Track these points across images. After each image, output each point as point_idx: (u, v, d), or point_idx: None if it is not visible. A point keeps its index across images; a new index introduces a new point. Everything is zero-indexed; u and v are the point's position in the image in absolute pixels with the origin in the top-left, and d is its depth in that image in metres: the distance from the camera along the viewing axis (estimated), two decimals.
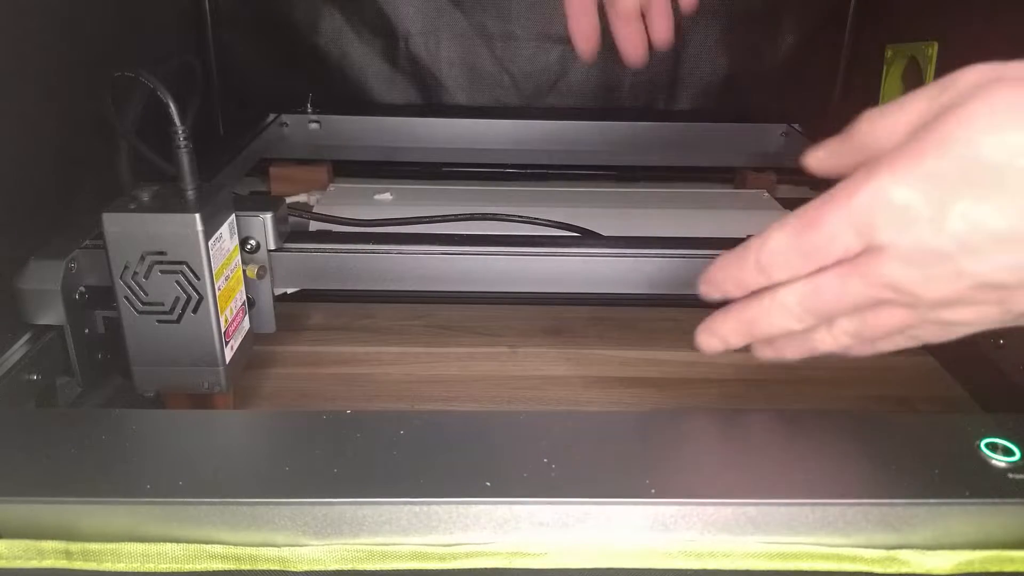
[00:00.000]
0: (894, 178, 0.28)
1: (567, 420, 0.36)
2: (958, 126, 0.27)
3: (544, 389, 0.52)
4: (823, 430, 0.36)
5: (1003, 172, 0.26)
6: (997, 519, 0.32)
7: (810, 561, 0.31)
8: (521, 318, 0.60)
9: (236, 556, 0.31)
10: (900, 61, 0.76)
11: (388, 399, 0.51)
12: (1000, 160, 0.26)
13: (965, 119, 0.27)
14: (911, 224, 0.28)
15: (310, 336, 0.58)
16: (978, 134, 0.27)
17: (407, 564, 0.31)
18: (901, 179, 0.28)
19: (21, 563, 0.30)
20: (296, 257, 0.48)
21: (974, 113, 0.27)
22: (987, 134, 0.27)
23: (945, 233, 0.27)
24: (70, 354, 0.45)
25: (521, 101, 0.95)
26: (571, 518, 0.31)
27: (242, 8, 0.89)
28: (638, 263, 0.49)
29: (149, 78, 0.41)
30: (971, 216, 0.27)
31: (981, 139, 0.27)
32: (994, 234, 0.27)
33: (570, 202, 0.72)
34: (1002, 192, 0.27)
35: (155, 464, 0.33)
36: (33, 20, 0.51)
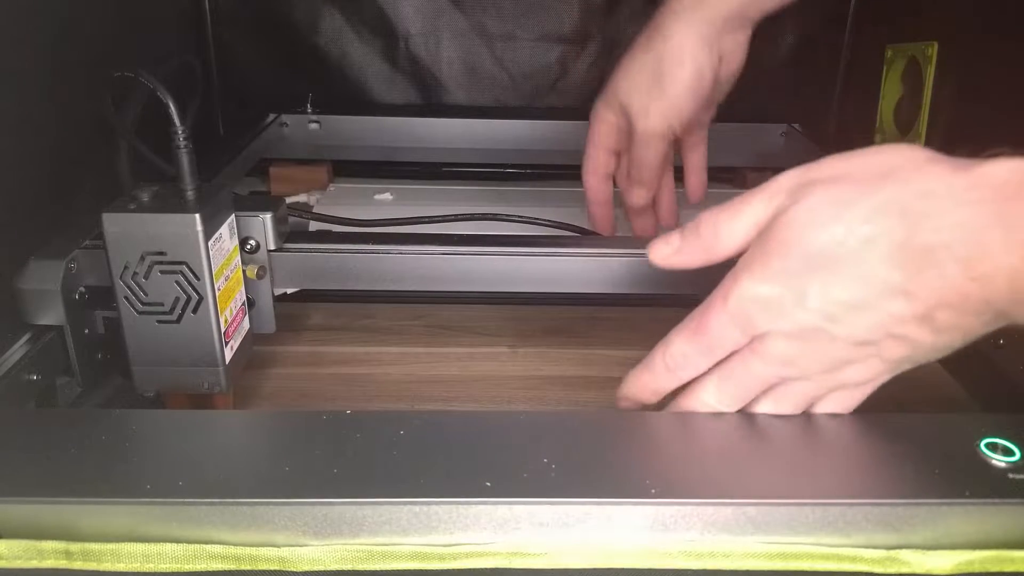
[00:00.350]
0: (754, 280, 0.34)
1: (567, 420, 0.36)
2: (789, 228, 0.33)
3: (544, 389, 0.52)
4: (823, 430, 0.36)
5: (835, 255, 0.32)
6: (997, 519, 0.32)
7: (810, 561, 0.31)
8: (521, 318, 0.60)
9: (236, 556, 0.31)
10: (900, 61, 0.76)
11: (388, 399, 0.51)
12: (829, 247, 0.32)
13: (794, 222, 0.33)
14: (780, 311, 0.33)
15: (310, 336, 0.58)
16: (807, 232, 0.33)
17: (407, 564, 0.31)
18: (761, 279, 0.34)
19: (21, 563, 0.30)
20: (296, 257, 0.48)
21: (798, 216, 0.33)
22: (813, 230, 0.33)
23: (809, 311, 0.33)
24: (70, 354, 0.45)
25: (521, 101, 0.95)
26: (571, 518, 0.31)
27: (242, 8, 0.89)
28: (638, 263, 0.49)
29: (149, 78, 0.41)
30: (824, 293, 0.33)
31: (810, 235, 0.33)
32: (845, 303, 0.32)
33: (570, 202, 0.72)
34: (840, 270, 0.32)
35: (155, 464, 0.33)
36: (33, 20, 0.51)
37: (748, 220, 0.35)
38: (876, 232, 0.32)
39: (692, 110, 0.51)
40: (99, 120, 0.50)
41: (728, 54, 0.52)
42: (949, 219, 0.31)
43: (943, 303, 0.31)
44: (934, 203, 0.31)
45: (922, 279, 0.31)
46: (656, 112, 0.51)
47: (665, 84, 0.50)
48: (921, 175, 0.32)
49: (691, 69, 0.50)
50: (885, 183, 0.32)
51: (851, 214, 0.32)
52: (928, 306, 0.32)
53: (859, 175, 0.33)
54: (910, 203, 0.31)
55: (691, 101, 0.51)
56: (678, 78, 0.50)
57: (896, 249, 0.31)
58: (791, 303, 0.33)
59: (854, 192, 0.33)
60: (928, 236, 0.31)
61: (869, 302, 0.32)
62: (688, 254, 0.37)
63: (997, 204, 0.30)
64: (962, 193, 0.31)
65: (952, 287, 0.31)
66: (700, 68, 0.50)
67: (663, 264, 0.38)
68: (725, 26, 0.50)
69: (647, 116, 0.51)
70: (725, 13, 0.50)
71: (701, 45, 0.50)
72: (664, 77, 0.50)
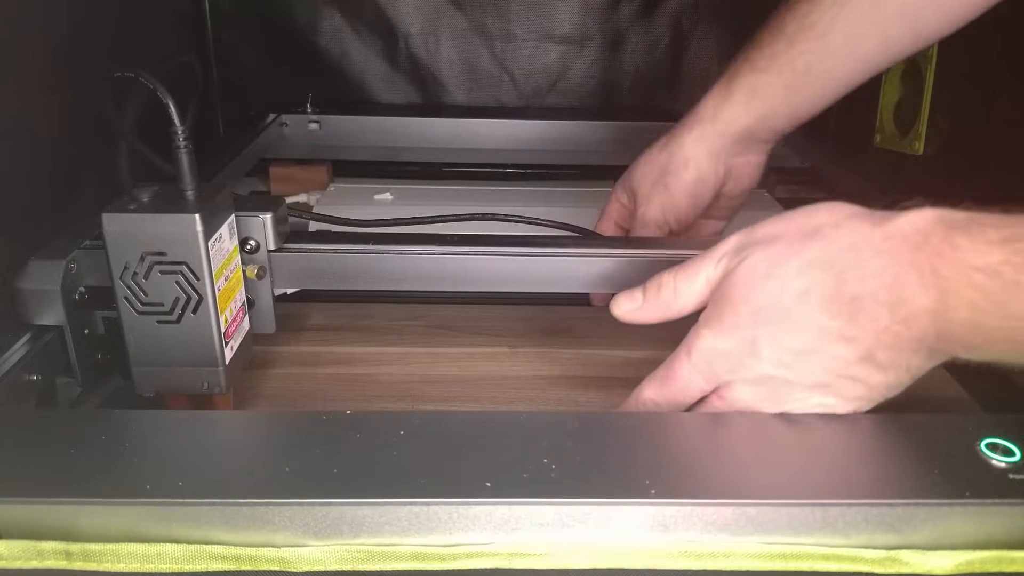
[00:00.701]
0: (713, 334, 0.37)
1: (567, 420, 0.36)
2: (736, 287, 0.37)
3: (544, 389, 0.52)
4: (823, 430, 0.36)
5: (777, 309, 0.36)
6: (997, 519, 0.32)
7: (810, 561, 0.31)
8: (521, 318, 0.60)
9: (236, 556, 0.31)
10: (900, 61, 0.76)
11: (388, 399, 0.51)
12: (771, 302, 0.36)
13: (739, 281, 0.37)
14: (739, 362, 0.37)
15: (310, 336, 0.58)
16: (750, 289, 0.36)
17: (407, 564, 0.31)
18: (717, 334, 0.37)
19: (21, 563, 0.30)
20: (296, 257, 0.48)
21: (742, 275, 0.37)
22: (755, 288, 0.36)
23: (764, 360, 0.36)
24: (70, 354, 0.45)
25: (521, 101, 0.95)
26: (571, 518, 0.31)
27: (242, 8, 0.89)
28: (638, 263, 0.49)
29: (149, 78, 0.40)
30: (774, 343, 0.36)
31: (753, 292, 0.36)
32: (795, 351, 0.36)
33: (570, 202, 0.72)
34: (784, 321, 0.35)
35: (155, 464, 0.33)
36: (33, 20, 0.51)
37: (701, 280, 0.39)
38: (809, 285, 0.35)
39: (689, 210, 0.55)
40: (99, 120, 0.50)
41: (737, 171, 0.56)
42: (870, 269, 0.34)
43: (880, 344, 0.34)
44: (856, 256, 0.34)
45: (857, 324, 0.34)
46: (656, 202, 0.55)
47: (669, 181, 0.54)
48: (844, 231, 0.35)
49: (694, 174, 0.54)
50: (813, 241, 0.36)
51: (784, 271, 0.36)
52: (868, 348, 0.34)
53: (791, 235, 0.37)
54: (836, 257, 0.35)
55: (689, 201, 0.55)
56: (681, 178, 0.54)
57: (829, 300, 0.35)
58: (746, 354, 0.36)
59: (786, 251, 0.36)
60: (854, 286, 0.34)
61: (815, 348, 0.35)
62: (649, 311, 0.41)
63: (908, 253, 0.33)
64: (879, 244, 0.34)
65: (884, 330, 0.34)
66: (703, 175, 0.54)
67: (625, 319, 0.41)
68: (735, 146, 0.54)
69: (648, 204, 0.55)
70: (734, 133, 0.54)
71: (707, 157, 0.54)
72: (669, 175, 0.54)
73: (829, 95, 0.52)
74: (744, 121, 0.53)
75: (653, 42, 0.94)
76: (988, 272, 0.30)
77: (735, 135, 0.54)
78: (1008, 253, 0.30)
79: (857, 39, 0.49)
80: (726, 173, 0.55)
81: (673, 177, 0.54)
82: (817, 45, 0.50)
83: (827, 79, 0.51)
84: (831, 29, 0.49)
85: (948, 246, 0.32)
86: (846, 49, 0.50)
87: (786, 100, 0.52)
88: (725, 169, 0.55)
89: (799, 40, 0.50)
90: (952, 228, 0.32)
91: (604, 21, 0.93)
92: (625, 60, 0.94)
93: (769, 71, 0.51)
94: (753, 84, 0.52)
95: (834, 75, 0.51)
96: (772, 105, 0.53)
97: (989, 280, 0.30)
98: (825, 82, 0.51)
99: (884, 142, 0.79)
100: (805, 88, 0.51)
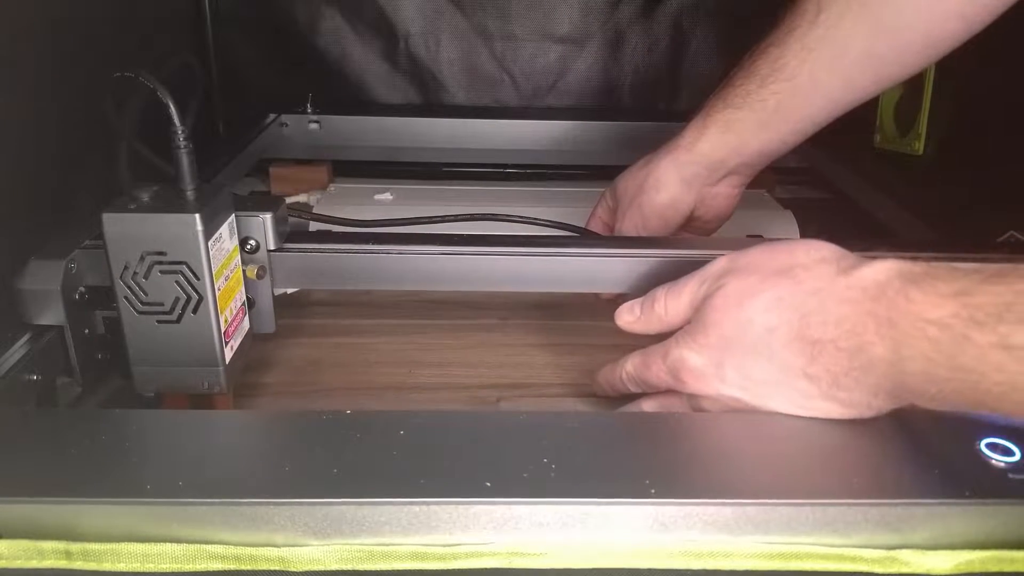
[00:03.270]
0: (687, 348, 0.40)
1: (567, 420, 0.36)
2: (711, 311, 0.39)
3: (532, 355, 0.55)
4: (823, 430, 0.36)
5: (745, 338, 0.37)
6: (997, 519, 0.32)
7: (810, 561, 0.31)
8: (509, 294, 0.62)
9: (236, 556, 0.31)
10: None
11: (388, 365, 0.53)
12: (739, 331, 0.38)
13: (713, 308, 0.39)
14: (705, 379, 0.39)
15: (314, 310, 0.61)
16: (722, 316, 0.38)
17: (407, 564, 0.31)
18: (690, 349, 0.40)
19: (21, 563, 0.30)
20: (296, 257, 0.48)
21: (716, 302, 0.39)
22: (727, 314, 0.38)
23: (728, 383, 0.38)
24: (70, 354, 0.45)
25: (521, 101, 0.95)
26: (571, 518, 0.31)
27: (242, 8, 0.89)
28: (638, 263, 0.49)
29: (149, 78, 0.40)
30: (739, 370, 0.38)
31: (725, 319, 0.38)
32: (758, 380, 0.37)
33: (570, 202, 0.72)
34: (750, 351, 0.37)
35: (155, 464, 0.33)
36: (33, 20, 0.51)
37: (686, 299, 0.41)
38: (777, 322, 0.37)
39: (659, 229, 0.58)
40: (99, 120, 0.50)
41: (709, 200, 0.58)
42: (833, 315, 0.35)
43: (840, 386, 0.35)
44: (820, 301, 0.36)
45: (819, 365, 0.36)
46: (629, 220, 0.58)
47: (643, 201, 0.57)
48: (812, 275, 0.37)
49: (665, 198, 0.57)
50: (784, 279, 0.37)
51: (754, 304, 0.37)
52: (829, 387, 0.36)
53: (766, 270, 0.38)
54: (801, 300, 0.36)
55: (659, 222, 0.58)
56: (653, 200, 0.57)
57: (794, 338, 0.36)
58: (712, 374, 0.39)
59: (759, 286, 0.38)
60: (816, 330, 0.36)
61: (780, 382, 0.37)
62: (646, 323, 0.44)
63: (868, 303, 0.34)
64: (843, 292, 0.35)
65: (843, 373, 0.35)
66: (674, 201, 0.57)
67: (627, 329, 0.45)
68: (709, 176, 0.57)
69: (623, 218, 0.59)
70: (708, 163, 0.56)
71: (679, 183, 0.57)
72: (643, 195, 0.57)
73: (798, 132, 0.55)
74: (718, 153, 0.56)
75: (653, 42, 0.94)
76: (939, 325, 0.31)
77: (709, 165, 0.56)
78: (958, 306, 0.31)
79: (823, 83, 0.52)
80: (698, 201, 0.58)
81: (646, 197, 0.57)
82: (786, 87, 0.53)
83: (795, 117, 0.54)
84: (799, 72, 0.52)
85: (903, 299, 0.33)
86: (813, 91, 0.53)
87: (757, 135, 0.55)
88: (697, 197, 0.58)
89: (770, 81, 0.53)
90: (908, 281, 0.33)
91: (604, 21, 0.93)
92: (625, 60, 0.94)
93: (742, 108, 0.54)
94: (727, 120, 0.55)
95: (802, 113, 0.54)
96: (744, 139, 0.55)
97: (940, 332, 0.31)
98: (794, 120, 0.54)
99: (884, 142, 0.79)
100: (775, 124, 0.55)
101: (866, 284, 0.35)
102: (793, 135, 0.55)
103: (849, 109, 0.55)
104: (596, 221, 0.63)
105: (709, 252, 0.47)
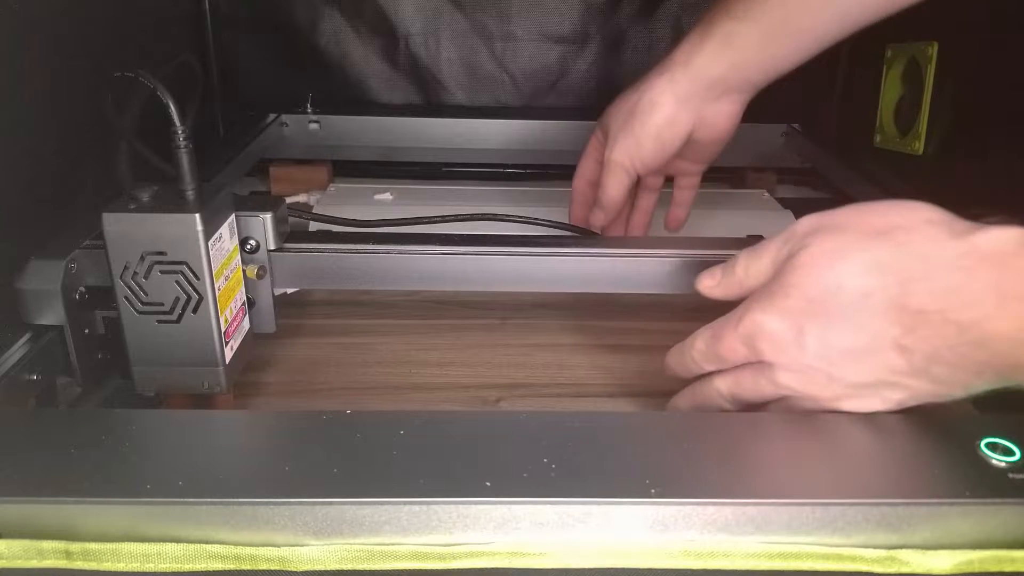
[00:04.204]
0: (763, 312, 0.37)
1: (567, 420, 0.36)
2: (793, 273, 0.36)
3: (532, 355, 0.55)
4: (823, 430, 0.36)
5: (833, 303, 0.34)
6: (997, 519, 0.32)
7: (810, 561, 0.31)
8: (510, 294, 0.62)
9: (236, 556, 0.31)
10: (900, 61, 0.76)
11: (389, 364, 0.53)
12: (827, 295, 0.35)
13: (798, 267, 0.36)
14: (782, 346, 0.36)
15: (314, 310, 0.61)
16: (807, 277, 0.35)
17: (407, 564, 0.31)
18: (767, 313, 0.36)
19: (21, 563, 0.30)
20: (296, 257, 0.48)
21: (802, 262, 0.36)
22: (812, 276, 0.35)
23: (807, 352, 0.35)
24: (70, 354, 0.45)
25: (521, 101, 0.95)
26: (571, 518, 0.31)
27: (242, 8, 0.89)
28: (638, 263, 0.49)
29: (149, 78, 0.40)
30: (821, 338, 0.35)
31: (810, 280, 0.35)
32: (842, 350, 0.35)
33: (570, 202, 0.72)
34: (837, 318, 0.34)
35: (155, 464, 0.33)
36: (33, 21, 0.51)
37: (768, 260, 0.38)
38: (872, 287, 0.34)
39: (654, 154, 0.54)
40: (99, 120, 0.50)
41: (709, 118, 0.54)
42: (942, 283, 0.32)
43: (939, 361, 0.33)
44: (928, 267, 0.33)
45: (918, 336, 0.33)
46: (621, 145, 0.54)
47: (635, 125, 0.53)
48: (917, 237, 0.34)
49: (660, 119, 0.53)
50: (882, 240, 0.34)
51: (846, 267, 0.34)
52: (924, 361, 0.33)
53: (860, 230, 0.35)
54: (904, 263, 0.33)
55: (655, 144, 0.54)
56: (646, 123, 0.53)
57: (891, 307, 0.33)
58: (791, 341, 0.36)
59: (852, 245, 0.35)
60: (922, 299, 0.33)
61: (866, 352, 0.34)
62: (726, 288, 0.41)
63: (989, 272, 0.31)
64: (956, 260, 0.32)
65: (948, 347, 0.32)
66: (670, 120, 0.53)
67: (708, 294, 0.42)
68: (707, 93, 0.53)
69: (614, 146, 0.55)
70: (706, 79, 0.52)
71: (675, 102, 0.53)
72: (635, 118, 0.53)
73: (804, 49, 0.51)
74: (718, 68, 0.52)
75: (653, 42, 0.94)
76: None
77: (707, 81, 0.52)
78: None
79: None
80: (697, 120, 0.54)
81: (638, 120, 0.53)
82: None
83: (803, 32, 0.50)
84: None
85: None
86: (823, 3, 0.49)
87: (761, 49, 0.51)
88: (696, 116, 0.53)
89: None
90: None
91: (604, 21, 0.93)
92: (625, 60, 0.94)
93: (746, 20, 0.50)
94: (729, 32, 0.51)
95: (810, 28, 0.51)
96: (746, 55, 0.52)
97: None
98: (801, 35, 0.51)
99: (884, 142, 0.79)
100: (781, 39, 0.51)
101: (985, 252, 0.32)
102: (799, 52, 0.51)
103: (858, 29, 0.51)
104: (588, 162, 0.59)
105: (712, 252, 0.47)
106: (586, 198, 0.60)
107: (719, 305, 0.41)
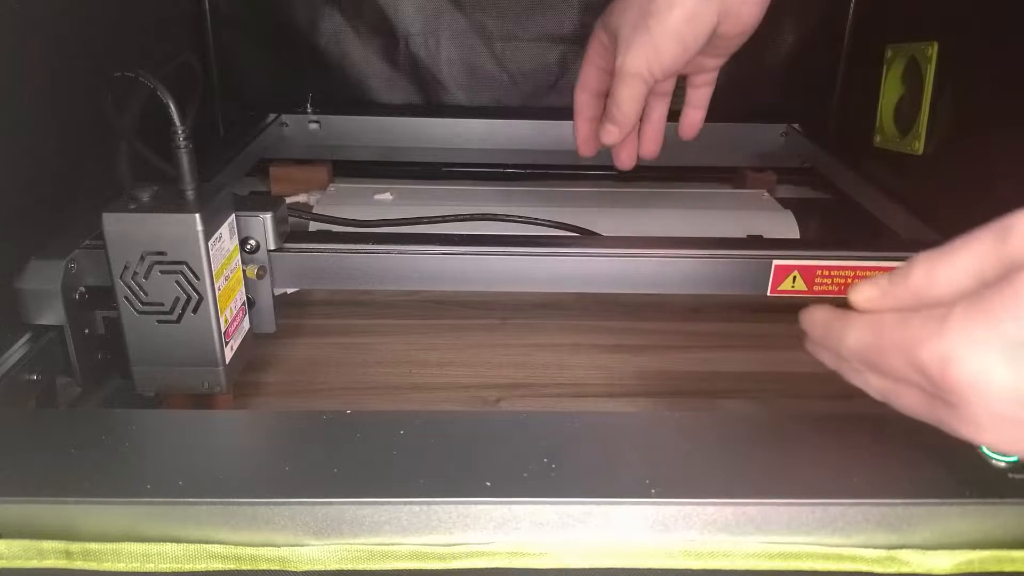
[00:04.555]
0: (971, 342, 0.26)
1: (567, 420, 0.36)
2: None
3: (532, 355, 0.55)
4: (823, 430, 0.36)
5: None
6: (997, 519, 0.32)
7: (810, 561, 0.31)
8: (510, 294, 0.62)
9: (236, 556, 0.31)
10: (900, 61, 0.76)
11: (389, 364, 0.54)
12: None
13: None
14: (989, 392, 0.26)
15: (314, 311, 0.61)
16: None
17: (407, 564, 0.31)
18: (978, 343, 0.26)
19: (21, 563, 0.30)
20: (296, 257, 0.48)
21: None
22: None
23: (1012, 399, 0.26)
24: (70, 354, 0.45)
25: (521, 101, 0.95)
26: (571, 518, 0.31)
27: (242, 8, 0.89)
28: (638, 263, 0.49)
29: (149, 78, 0.40)
30: None
31: None
32: None
33: (570, 202, 0.72)
34: None
35: (155, 464, 0.33)
36: (33, 21, 0.51)
37: (968, 264, 0.28)
38: None
39: (676, 57, 0.47)
40: (99, 120, 0.50)
41: (736, 8, 0.47)
42: None
43: None
44: None
45: None
46: (636, 51, 0.47)
47: (651, 23, 0.46)
48: None
49: (680, 14, 0.46)
50: None
51: None
52: None
53: None
54: None
55: (676, 46, 0.47)
56: (665, 20, 0.46)
57: None
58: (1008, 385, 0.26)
59: None
60: None
61: None
62: (896, 299, 0.30)
63: None
64: None
65: None
66: (692, 15, 0.46)
67: (867, 308, 0.31)
68: None
69: (628, 51, 0.47)
70: None
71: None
72: (651, 16, 0.46)
73: None
74: None
75: None
76: None
77: None
78: None
79: None
80: (721, 11, 0.47)
81: (656, 19, 0.46)
82: None
83: None
84: None
85: None
86: None
87: None
88: (720, 6, 0.46)
89: None
90: None
91: None
92: None
93: None
94: None
95: None
96: None
97: None
98: None
99: (884, 142, 0.79)
100: None
101: None
102: None
103: None
104: (590, 69, 0.52)
105: (712, 252, 0.47)
106: (592, 112, 0.53)
107: (719, 305, 0.40)
